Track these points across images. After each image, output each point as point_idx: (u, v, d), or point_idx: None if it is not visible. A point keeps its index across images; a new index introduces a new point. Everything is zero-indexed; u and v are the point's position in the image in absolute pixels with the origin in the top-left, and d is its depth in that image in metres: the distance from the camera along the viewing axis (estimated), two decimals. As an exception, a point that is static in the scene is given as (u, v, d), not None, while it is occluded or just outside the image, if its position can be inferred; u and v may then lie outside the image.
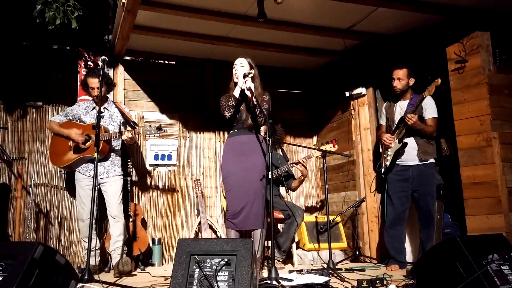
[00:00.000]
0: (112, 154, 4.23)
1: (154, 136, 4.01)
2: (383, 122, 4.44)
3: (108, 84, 4.27)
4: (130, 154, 4.94)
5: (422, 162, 4.05)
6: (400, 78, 4.14)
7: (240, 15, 4.27)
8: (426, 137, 4.07)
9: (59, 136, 4.19)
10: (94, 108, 4.28)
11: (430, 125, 4.04)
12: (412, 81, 4.16)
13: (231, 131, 3.67)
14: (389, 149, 4.20)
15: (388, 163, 4.20)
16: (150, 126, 3.95)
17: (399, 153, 4.13)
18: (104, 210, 4.16)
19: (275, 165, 4.54)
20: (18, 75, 4.87)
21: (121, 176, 4.27)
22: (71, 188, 4.65)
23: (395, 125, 4.19)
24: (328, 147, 4.26)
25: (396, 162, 4.16)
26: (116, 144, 4.27)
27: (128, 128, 4.12)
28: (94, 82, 4.13)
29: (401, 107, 4.22)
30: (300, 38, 4.89)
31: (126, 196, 4.45)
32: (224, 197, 4.76)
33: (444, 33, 4.31)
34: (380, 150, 4.46)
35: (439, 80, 3.85)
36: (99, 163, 3.97)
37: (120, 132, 4.01)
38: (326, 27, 4.66)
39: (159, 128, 3.95)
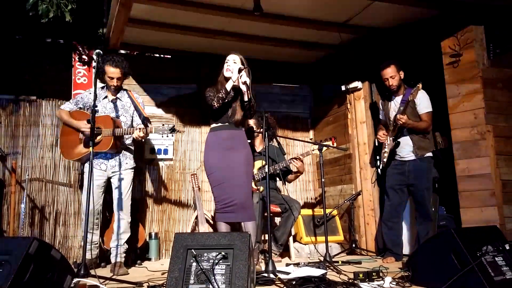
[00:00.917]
0: (123, 147, 4.05)
1: (167, 136, 3.85)
2: (382, 117, 4.48)
3: (126, 74, 4.07)
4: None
5: (418, 156, 4.08)
6: (392, 76, 4.16)
7: (236, 8, 4.25)
8: (421, 133, 4.09)
9: (68, 126, 4.00)
10: (106, 97, 4.06)
11: (424, 120, 4.07)
12: (402, 74, 4.19)
13: (214, 125, 3.60)
14: (386, 146, 4.25)
15: (385, 160, 4.25)
16: (163, 125, 3.75)
17: (394, 151, 4.17)
18: (108, 204, 4.05)
19: (271, 158, 4.55)
20: (11, 69, 4.83)
21: (133, 169, 4.09)
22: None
23: (390, 122, 4.22)
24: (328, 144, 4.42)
25: (395, 157, 4.20)
26: (127, 137, 4.07)
27: (141, 126, 3.86)
28: (114, 72, 3.94)
29: (395, 103, 4.24)
30: (296, 32, 4.88)
31: (133, 191, 4.29)
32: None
33: (439, 27, 4.32)
34: (376, 144, 4.49)
35: (420, 85, 3.94)
36: (111, 158, 3.95)
37: (132, 130, 3.82)
38: (322, 21, 4.65)
39: (172, 130, 3.73)
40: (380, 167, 4.31)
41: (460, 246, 2.50)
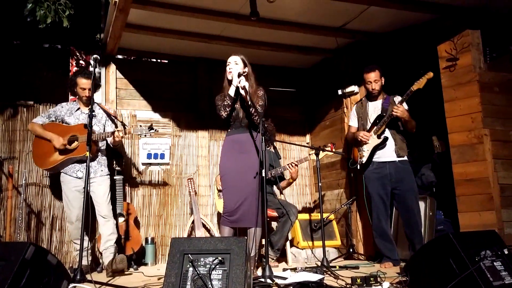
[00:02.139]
0: (99, 154, 4.21)
1: (145, 136, 3.96)
2: (353, 123, 4.43)
3: (97, 85, 4.31)
4: (122, 153, 4.92)
5: (399, 158, 4.08)
6: (376, 80, 4.17)
7: (233, 13, 4.26)
8: (404, 133, 4.11)
9: (42, 138, 4.12)
10: (78, 109, 4.24)
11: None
12: (383, 80, 4.21)
13: (229, 130, 3.65)
14: (365, 146, 4.20)
15: (364, 159, 4.19)
16: (141, 126, 3.92)
17: (377, 148, 4.13)
18: (92, 210, 4.05)
19: (268, 163, 4.55)
20: (9, 74, 4.82)
21: (108, 176, 4.25)
22: (56, 189, 4.60)
23: (369, 123, 4.21)
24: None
25: (372, 160, 4.17)
26: (102, 144, 4.26)
27: (119, 128, 4.08)
28: (86, 83, 4.10)
29: (374, 107, 4.24)
30: (293, 37, 4.90)
31: (114, 195, 4.43)
32: (218, 195, 4.75)
33: (436, 31, 4.34)
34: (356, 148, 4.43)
35: (431, 74, 3.88)
36: (85, 164, 3.97)
37: (112, 133, 3.98)
38: (318, 26, 4.67)
39: (150, 128, 3.91)
40: (358, 167, 4.26)
41: (458, 250, 2.49)
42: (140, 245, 4.57)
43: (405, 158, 4.12)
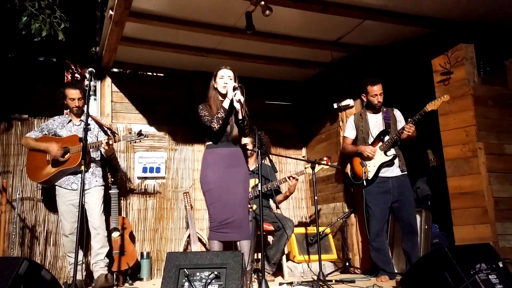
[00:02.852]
0: (93, 165, 4.21)
1: (135, 142, 3.95)
2: (350, 135, 4.38)
3: (85, 96, 4.20)
4: (118, 166, 4.91)
5: (402, 172, 4.10)
6: (381, 93, 4.18)
7: (228, 27, 4.30)
8: (404, 148, 4.12)
9: (36, 151, 4.14)
10: (70, 121, 4.27)
11: None
12: None
13: (211, 143, 3.54)
14: (370, 161, 4.16)
15: (371, 175, 4.15)
16: (130, 132, 3.93)
17: (383, 165, 4.13)
18: (86, 224, 4.05)
19: (264, 176, 4.54)
20: (4, 87, 4.81)
21: (102, 187, 4.24)
22: (49, 202, 4.58)
23: (371, 137, 4.21)
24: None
25: (378, 175, 4.16)
26: (96, 155, 4.27)
27: (109, 136, 4.11)
28: (74, 93, 4.13)
29: (375, 120, 4.24)
30: (288, 50, 4.93)
31: (107, 208, 4.38)
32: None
33: (430, 45, 4.38)
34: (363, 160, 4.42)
35: (448, 97, 3.86)
36: (79, 175, 4.01)
37: (100, 141, 4.00)
38: (313, 39, 4.71)
39: (139, 134, 3.93)
40: (365, 183, 4.21)
41: (453, 264, 2.50)
42: (135, 260, 4.53)
43: (406, 172, 4.14)
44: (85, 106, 4.24)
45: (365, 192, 4.20)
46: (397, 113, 4.23)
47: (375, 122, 4.24)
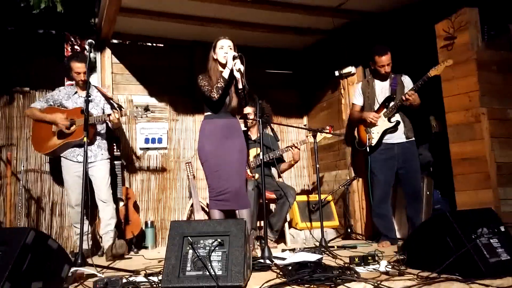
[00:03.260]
0: (98, 137, 4.18)
1: (142, 117, 3.93)
2: (358, 102, 4.39)
3: (91, 68, 4.22)
4: (120, 138, 4.92)
5: (408, 139, 4.10)
6: (389, 63, 4.13)
7: (227, -5, 4.22)
8: (410, 113, 4.10)
9: (41, 122, 4.10)
10: (76, 92, 4.20)
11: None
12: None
13: (209, 113, 3.54)
14: (374, 128, 4.18)
15: (374, 141, 4.16)
16: (137, 107, 3.88)
17: (387, 131, 4.14)
18: (92, 195, 4.03)
19: (266, 145, 4.55)
20: (4, 60, 4.78)
21: (108, 160, 4.22)
22: (56, 174, 4.61)
23: (377, 104, 4.20)
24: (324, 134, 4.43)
25: (382, 141, 4.17)
26: (101, 128, 4.22)
27: (115, 109, 4.08)
28: (79, 66, 4.05)
29: (381, 86, 4.22)
30: (289, 18, 4.85)
31: (114, 180, 4.42)
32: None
33: (433, 10, 4.29)
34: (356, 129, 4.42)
35: (451, 61, 3.84)
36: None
37: (108, 115, 3.97)
38: (314, 6, 4.62)
39: (146, 109, 3.91)
40: (368, 150, 4.23)
41: (455, 229, 2.51)
42: (140, 229, 4.61)
43: (413, 138, 4.14)
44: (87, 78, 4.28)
45: (370, 159, 4.21)
46: (406, 79, 4.18)
47: (382, 89, 4.22)
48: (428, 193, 4.59)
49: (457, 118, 4.09)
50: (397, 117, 4.11)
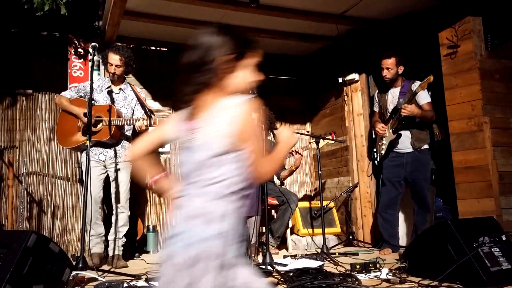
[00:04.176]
0: (124, 138, 3.98)
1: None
2: (376, 109, 4.48)
3: (128, 65, 4.01)
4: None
5: (416, 149, 4.10)
6: (389, 67, 4.15)
7: (232, 0, 4.23)
8: (421, 123, 4.11)
9: (68, 113, 3.88)
10: (109, 87, 4.02)
11: (428, 109, 4.08)
12: (401, 69, 4.19)
13: None
14: (384, 138, 4.25)
15: (383, 152, 4.26)
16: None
17: (394, 143, 4.17)
18: (109, 197, 3.90)
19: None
20: (7, 62, 4.80)
21: (131, 163, 3.84)
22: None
23: (388, 114, 4.22)
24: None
25: (392, 150, 4.21)
26: (128, 128, 4.02)
27: (144, 116, 3.88)
28: (114, 58, 3.91)
29: (392, 95, 4.25)
30: (293, 24, 4.87)
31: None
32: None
33: (437, 18, 4.31)
34: (374, 137, 4.50)
35: (432, 77, 3.88)
36: (109, 148, 3.87)
37: (135, 120, 3.77)
38: (318, 13, 4.63)
39: None
40: (377, 160, 4.31)
41: (456, 237, 2.51)
42: (142, 233, 4.60)
43: (425, 147, 4.14)
44: (126, 75, 4.08)
45: (383, 165, 4.29)
46: (417, 85, 4.12)
47: (392, 97, 4.25)
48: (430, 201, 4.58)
49: (460, 127, 4.09)
50: (401, 129, 4.13)
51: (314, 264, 2.87)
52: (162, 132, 1.57)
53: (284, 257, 3.78)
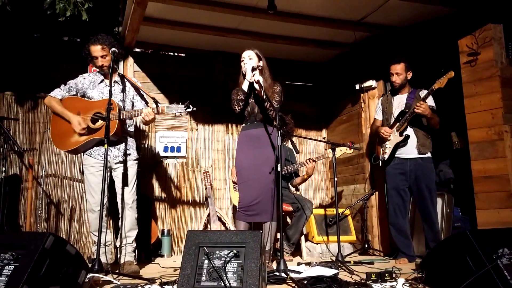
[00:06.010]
0: (127, 135, 3.69)
1: (181, 114, 3.45)
2: (378, 117, 4.40)
3: (114, 52, 3.44)
4: (140, 145, 4.97)
5: (421, 155, 4.03)
6: (399, 72, 4.11)
7: (250, 7, 4.25)
8: (428, 129, 4.05)
9: (60, 117, 3.56)
10: (102, 81, 3.69)
11: (435, 115, 4.02)
12: (410, 75, 4.15)
13: (244, 124, 3.64)
14: (387, 142, 4.16)
15: (386, 156, 4.15)
16: (175, 103, 3.38)
17: (399, 145, 4.10)
18: (114, 200, 3.66)
19: (285, 158, 4.54)
20: (29, 66, 4.90)
21: (137, 161, 3.73)
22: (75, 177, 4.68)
23: (393, 118, 4.17)
24: (344, 149, 4.48)
25: (395, 155, 4.14)
26: (129, 123, 3.71)
27: (150, 105, 3.57)
28: (95, 50, 3.56)
29: (399, 101, 4.19)
30: (310, 30, 4.87)
31: (138, 187, 3.99)
32: (234, 188, 4.77)
33: (456, 25, 4.26)
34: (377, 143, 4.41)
35: (453, 73, 3.80)
36: (113, 146, 3.56)
37: (141, 111, 3.47)
38: (336, 19, 4.63)
39: (187, 106, 3.36)
40: (380, 163, 4.23)
41: (475, 248, 2.46)
42: (156, 237, 4.63)
43: (428, 155, 4.06)
44: (116, 65, 3.69)
45: (386, 173, 4.21)
46: (423, 93, 4.09)
47: (399, 103, 4.19)
48: (448, 210, 4.51)
49: (480, 135, 4.02)
50: (408, 131, 4.07)
51: (328, 272, 2.84)
52: None
53: (299, 264, 3.76)
